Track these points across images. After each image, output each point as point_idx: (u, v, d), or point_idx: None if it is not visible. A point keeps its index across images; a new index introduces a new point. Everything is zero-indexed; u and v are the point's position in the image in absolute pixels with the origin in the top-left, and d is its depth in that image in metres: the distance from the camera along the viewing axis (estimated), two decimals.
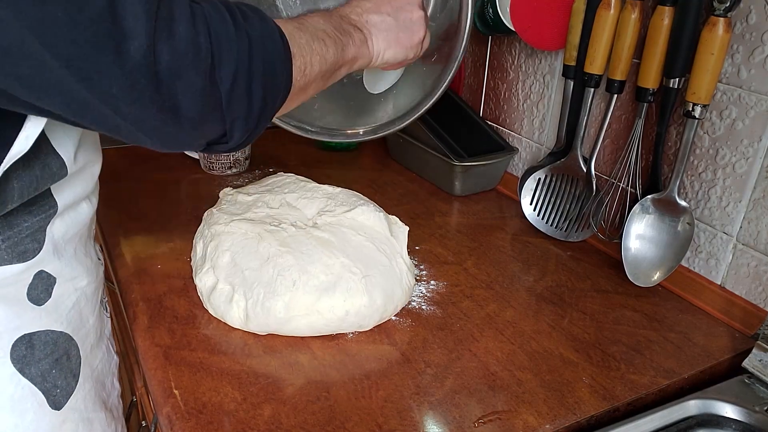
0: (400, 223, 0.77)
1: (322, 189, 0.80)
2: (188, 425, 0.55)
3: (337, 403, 0.59)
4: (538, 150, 1.03)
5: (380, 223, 0.74)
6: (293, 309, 0.65)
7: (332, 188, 0.81)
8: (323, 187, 0.81)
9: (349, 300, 0.66)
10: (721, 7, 0.67)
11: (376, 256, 0.70)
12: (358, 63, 0.62)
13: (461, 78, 1.18)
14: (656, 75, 0.76)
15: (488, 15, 0.94)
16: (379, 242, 0.72)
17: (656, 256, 0.79)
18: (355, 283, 0.67)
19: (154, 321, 0.68)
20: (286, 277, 0.66)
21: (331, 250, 0.68)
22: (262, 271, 0.67)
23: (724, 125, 0.74)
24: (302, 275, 0.66)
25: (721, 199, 0.76)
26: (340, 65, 0.58)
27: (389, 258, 0.71)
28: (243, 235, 0.71)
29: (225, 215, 0.76)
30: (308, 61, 0.52)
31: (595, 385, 0.63)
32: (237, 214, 0.76)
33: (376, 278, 0.68)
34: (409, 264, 0.74)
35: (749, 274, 0.74)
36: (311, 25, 0.55)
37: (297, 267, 0.66)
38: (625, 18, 0.77)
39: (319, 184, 0.82)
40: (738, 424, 0.61)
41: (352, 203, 0.77)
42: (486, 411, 0.59)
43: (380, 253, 0.71)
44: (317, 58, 0.53)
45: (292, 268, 0.66)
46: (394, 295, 0.70)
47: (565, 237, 0.92)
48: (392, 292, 0.69)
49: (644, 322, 0.75)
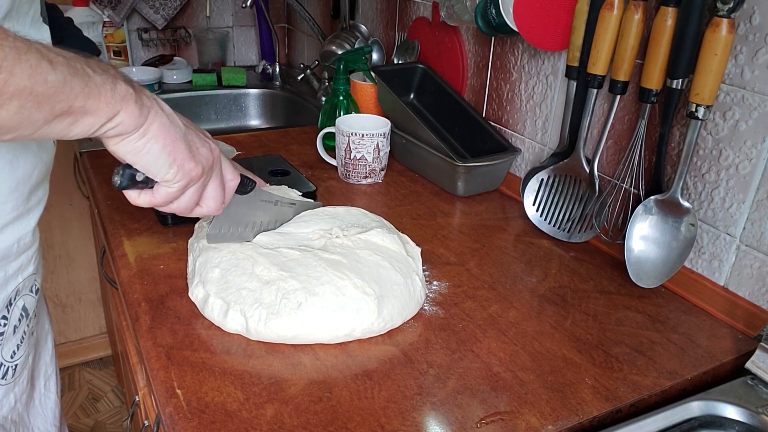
0: (412, 243, 0.78)
1: (324, 209, 0.80)
2: (191, 425, 0.55)
3: (339, 404, 0.59)
4: (540, 151, 1.03)
5: (396, 244, 0.74)
6: (299, 328, 0.64)
7: (333, 208, 0.80)
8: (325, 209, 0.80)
9: (358, 319, 0.66)
10: (724, 7, 0.67)
11: (391, 275, 0.70)
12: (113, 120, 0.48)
13: (464, 79, 1.18)
14: (659, 76, 0.76)
15: (491, 15, 0.94)
16: (396, 261, 0.72)
17: (659, 257, 0.79)
18: (367, 303, 0.66)
19: (157, 321, 0.69)
20: (291, 300, 0.65)
21: (342, 271, 0.67)
22: (263, 292, 0.65)
23: (728, 126, 0.74)
24: (309, 297, 0.65)
25: (725, 200, 0.75)
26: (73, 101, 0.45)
27: (404, 276, 0.71)
28: (231, 253, 0.70)
29: None
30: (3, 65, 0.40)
31: (597, 386, 0.63)
32: None
33: (390, 298, 0.68)
34: (422, 280, 0.74)
35: (752, 275, 0.74)
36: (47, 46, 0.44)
37: (303, 290, 0.65)
38: (628, 19, 0.77)
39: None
40: (741, 425, 0.61)
41: (364, 224, 0.77)
42: (488, 411, 0.59)
43: (396, 271, 0.70)
44: (26, 69, 0.41)
45: (298, 292, 0.65)
46: (403, 312, 0.70)
47: (567, 238, 0.92)
48: (402, 309, 0.69)
49: (647, 323, 0.74)
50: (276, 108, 1.76)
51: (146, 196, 0.55)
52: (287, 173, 1.05)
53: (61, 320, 1.93)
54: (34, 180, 0.62)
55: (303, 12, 1.65)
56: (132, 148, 0.50)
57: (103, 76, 0.46)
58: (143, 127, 0.50)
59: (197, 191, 0.57)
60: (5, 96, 0.40)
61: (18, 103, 0.41)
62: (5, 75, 0.40)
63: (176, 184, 0.54)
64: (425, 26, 1.25)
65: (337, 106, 1.21)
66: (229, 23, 1.89)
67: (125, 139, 0.50)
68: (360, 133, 1.03)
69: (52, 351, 0.86)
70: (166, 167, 0.53)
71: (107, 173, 0.81)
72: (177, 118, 0.54)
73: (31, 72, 0.41)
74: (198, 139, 0.56)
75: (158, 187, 0.55)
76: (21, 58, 0.41)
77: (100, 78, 0.46)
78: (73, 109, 0.45)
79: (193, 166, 0.54)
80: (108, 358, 2.02)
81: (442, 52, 1.21)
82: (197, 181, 0.56)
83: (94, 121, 0.47)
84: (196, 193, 0.57)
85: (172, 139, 0.52)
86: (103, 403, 1.87)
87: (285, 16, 1.97)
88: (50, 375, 0.85)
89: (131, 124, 0.49)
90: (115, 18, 1.65)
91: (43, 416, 0.83)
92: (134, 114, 0.49)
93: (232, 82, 1.73)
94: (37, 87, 0.42)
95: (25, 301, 0.69)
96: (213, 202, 0.59)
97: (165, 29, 1.76)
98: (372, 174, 1.08)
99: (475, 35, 1.14)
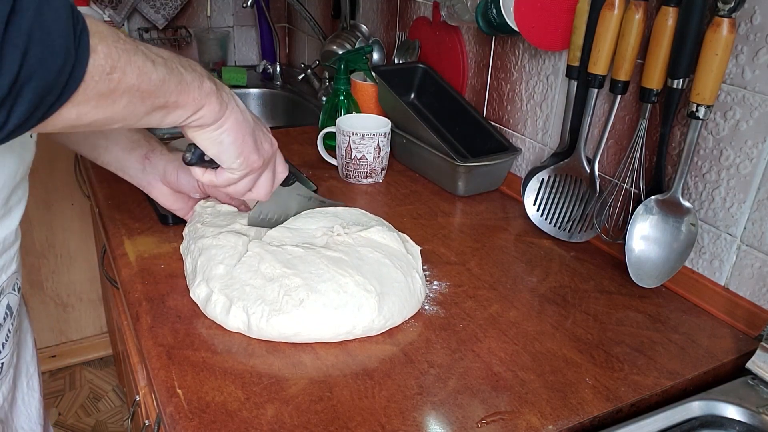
0: (411, 242, 0.78)
1: (324, 209, 0.80)
2: (191, 424, 0.55)
3: (340, 403, 0.59)
4: (541, 150, 1.03)
5: (396, 242, 0.75)
6: (300, 325, 0.65)
7: (333, 207, 0.81)
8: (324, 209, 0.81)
9: (359, 316, 0.66)
10: (725, 7, 0.67)
11: (392, 272, 0.70)
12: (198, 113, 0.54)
13: (465, 78, 1.18)
14: (660, 76, 0.76)
15: (492, 15, 0.94)
16: (396, 259, 0.72)
17: (660, 257, 0.79)
18: (368, 300, 0.66)
19: (157, 321, 0.69)
20: (293, 297, 0.65)
21: (343, 268, 0.68)
22: (266, 289, 0.66)
23: (728, 126, 0.73)
24: (311, 294, 0.65)
25: (725, 200, 0.75)
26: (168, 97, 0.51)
27: (405, 274, 0.71)
28: (233, 248, 0.71)
29: (211, 228, 0.76)
30: (118, 66, 0.45)
31: (598, 386, 0.63)
32: (222, 226, 0.76)
33: (390, 296, 0.68)
34: (422, 278, 0.74)
35: (753, 275, 0.74)
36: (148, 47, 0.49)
37: (305, 287, 0.65)
38: (629, 18, 0.77)
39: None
40: (741, 425, 0.61)
41: (364, 223, 0.77)
42: (489, 411, 0.59)
43: (397, 269, 0.71)
44: (135, 70, 0.46)
45: (300, 288, 0.65)
46: (404, 309, 0.70)
47: (568, 238, 0.92)
48: (403, 307, 0.69)
49: (648, 323, 0.74)
50: (277, 108, 1.76)
51: (210, 175, 0.63)
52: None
53: (62, 320, 1.94)
54: (17, 179, 0.63)
55: (304, 12, 1.65)
56: (209, 137, 0.57)
57: (192, 74, 0.53)
58: (221, 121, 0.56)
59: (254, 179, 0.64)
60: (118, 93, 0.46)
61: (127, 98, 0.47)
62: (119, 74, 0.45)
63: (239, 172, 0.61)
64: (426, 26, 1.25)
65: (337, 106, 1.21)
66: (230, 23, 1.89)
67: (204, 130, 0.56)
68: (361, 132, 1.03)
69: (33, 349, 0.86)
70: (234, 157, 0.60)
71: (108, 173, 0.81)
72: (249, 114, 0.60)
73: (139, 72, 0.47)
74: (263, 134, 0.63)
75: (222, 170, 0.62)
76: (131, 59, 0.46)
77: (190, 76, 0.52)
78: (169, 104, 0.51)
79: (256, 158, 0.61)
80: (109, 357, 2.02)
81: (442, 52, 1.21)
82: (256, 172, 0.63)
83: (182, 113, 0.53)
84: (252, 181, 0.64)
85: (243, 134, 0.59)
86: (104, 403, 1.87)
87: (286, 16, 1.97)
88: (32, 374, 0.85)
89: (211, 117, 0.55)
90: (116, 18, 1.65)
91: (27, 415, 0.83)
92: (215, 109, 0.55)
93: (233, 81, 1.73)
94: (143, 84, 0.47)
95: (9, 299, 0.70)
96: (263, 190, 0.66)
97: (166, 29, 1.77)
98: (372, 174, 1.08)
99: (475, 35, 1.14)
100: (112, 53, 0.45)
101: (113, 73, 0.45)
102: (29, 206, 0.68)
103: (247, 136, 0.59)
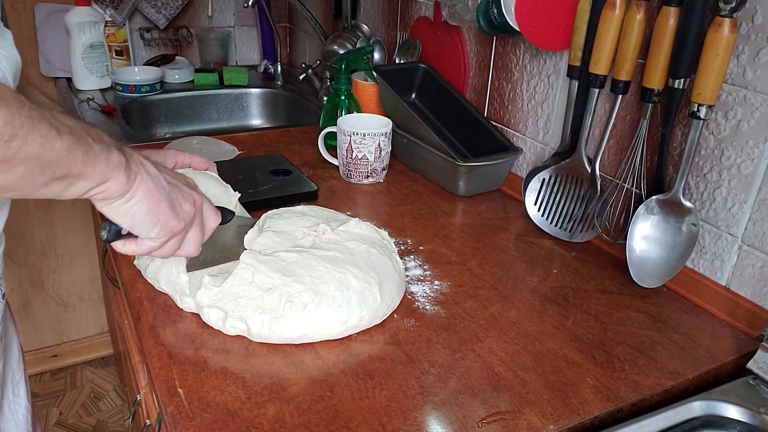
0: (380, 228, 0.80)
1: (289, 209, 0.80)
2: (192, 424, 0.55)
3: (340, 403, 0.59)
4: (542, 150, 1.03)
5: (372, 231, 0.77)
6: (306, 328, 0.65)
7: (298, 207, 0.81)
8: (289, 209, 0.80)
9: (365, 308, 0.67)
10: (726, 7, 0.67)
11: (381, 260, 0.72)
12: (103, 185, 0.51)
13: (465, 78, 1.18)
14: (661, 75, 0.76)
15: (493, 15, 0.94)
16: (378, 246, 0.74)
17: (661, 256, 0.79)
18: (371, 291, 0.67)
19: (159, 320, 0.69)
20: (296, 302, 0.65)
21: (341, 266, 0.68)
22: (264, 300, 0.65)
23: (730, 126, 0.73)
24: (315, 297, 0.65)
25: (726, 200, 0.75)
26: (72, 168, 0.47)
27: (389, 258, 0.74)
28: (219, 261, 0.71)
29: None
30: (19, 134, 0.43)
31: (599, 386, 0.63)
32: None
33: (387, 282, 0.70)
34: (399, 259, 0.77)
35: (754, 275, 0.74)
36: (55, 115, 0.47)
37: (308, 291, 0.65)
38: (630, 18, 0.77)
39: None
40: (742, 425, 0.61)
41: (338, 218, 0.79)
42: (490, 411, 0.59)
43: (383, 256, 0.73)
44: (37, 138, 0.44)
45: (303, 293, 0.65)
46: (399, 291, 0.73)
47: (569, 237, 0.92)
48: (398, 289, 0.72)
49: (648, 323, 0.74)
50: (277, 107, 1.76)
51: (131, 246, 0.59)
52: (289, 173, 1.05)
53: (63, 319, 1.94)
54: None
55: (305, 11, 1.65)
56: (120, 210, 0.54)
57: (101, 145, 0.50)
58: (129, 193, 0.53)
59: (179, 240, 0.60)
60: (16, 161, 0.44)
61: (25, 167, 0.44)
62: (19, 142, 0.43)
63: (159, 239, 0.57)
64: (427, 26, 1.25)
65: (338, 106, 1.21)
66: (231, 23, 1.89)
67: (113, 203, 0.53)
68: (361, 132, 1.03)
69: (18, 356, 0.86)
70: (150, 227, 0.56)
71: None
72: (162, 179, 0.56)
73: (42, 140, 0.44)
74: (182, 195, 0.58)
75: (142, 239, 0.58)
76: (35, 127, 0.44)
77: (98, 147, 0.49)
78: (71, 174, 0.48)
79: (176, 223, 0.57)
80: (110, 357, 2.03)
81: (443, 52, 1.21)
82: (179, 234, 0.59)
83: (85, 185, 0.50)
84: (178, 242, 0.60)
85: (156, 201, 0.55)
86: (104, 402, 1.87)
87: (287, 16, 1.97)
88: (18, 380, 0.85)
89: (118, 190, 0.52)
90: (117, 17, 1.65)
91: (14, 422, 0.83)
92: (122, 181, 0.52)
93: (234, 81, 1.73)
94: (45, 154, 0.45)
95: None
96: (192, 247, 0.62)
97: (167, 29, 1.76)
98: (373, 173, 1.08)
99: (476, 35, 1.14)
100: (14, 120, 0.43)
101: (12, 141, 0.43)
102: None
103: (162, 202, 0.56)
